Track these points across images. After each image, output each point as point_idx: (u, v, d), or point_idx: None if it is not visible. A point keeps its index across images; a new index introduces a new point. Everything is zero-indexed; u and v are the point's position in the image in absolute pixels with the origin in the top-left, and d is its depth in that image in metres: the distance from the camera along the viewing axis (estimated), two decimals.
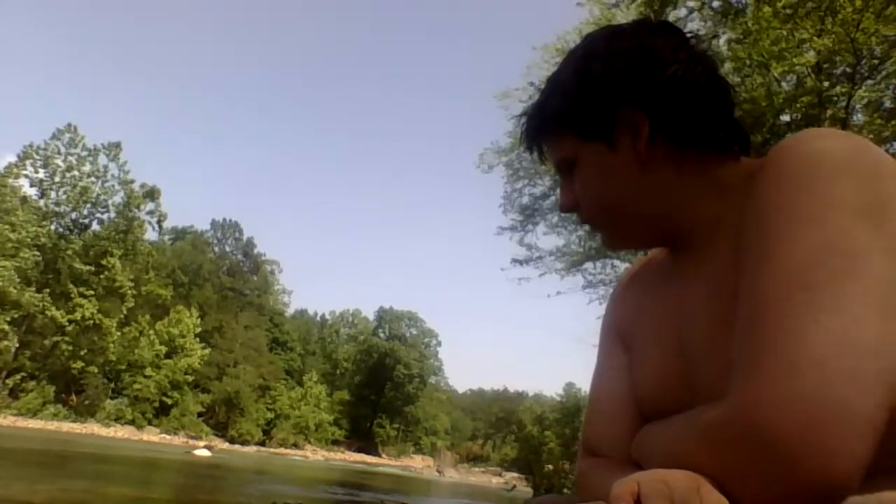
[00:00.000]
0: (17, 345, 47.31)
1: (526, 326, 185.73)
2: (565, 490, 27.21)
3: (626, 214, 0.92)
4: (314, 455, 68.60)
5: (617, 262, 20.80)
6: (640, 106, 0.87)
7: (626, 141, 0.88)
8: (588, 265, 20.26)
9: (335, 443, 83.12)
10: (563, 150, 0.94)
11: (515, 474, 38.33)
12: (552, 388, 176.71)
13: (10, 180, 48.55)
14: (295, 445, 71.82)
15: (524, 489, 32.83)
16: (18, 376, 47.75)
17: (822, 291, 0.64)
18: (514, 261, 19.20)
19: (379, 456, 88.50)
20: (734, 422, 0.65)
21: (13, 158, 51.66)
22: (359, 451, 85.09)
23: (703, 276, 0.86)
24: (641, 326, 0.98)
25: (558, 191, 1.00)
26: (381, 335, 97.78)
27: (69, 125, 53.00)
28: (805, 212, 0.69)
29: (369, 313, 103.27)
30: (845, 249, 0.66)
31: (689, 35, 0.93)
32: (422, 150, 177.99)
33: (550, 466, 31.03)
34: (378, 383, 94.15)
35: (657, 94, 0.87)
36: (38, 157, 51.25)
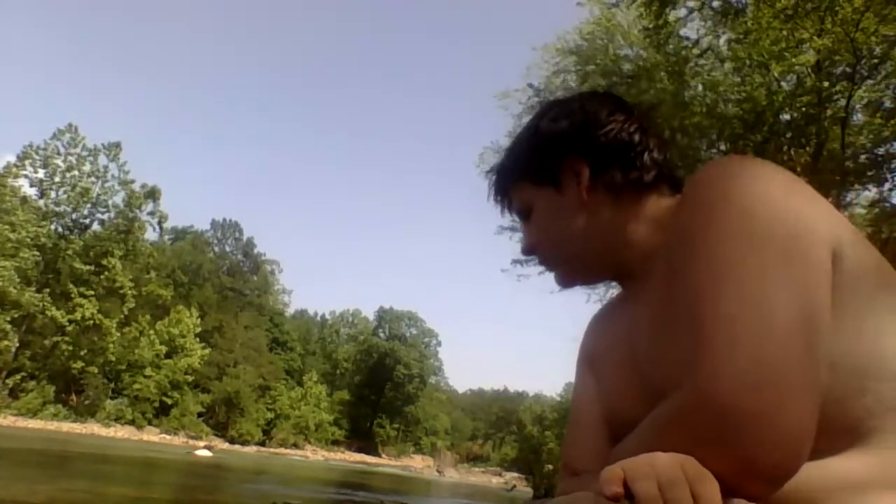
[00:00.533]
0: (18, 345, 47.30)
1: (526, 326, 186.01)
2: None
3: (575, 251, 1.03)
4: (314, 455, 68.62)
5: None
6: (582, 155, 1.01)
7: (571, 185, 1.01)
8: None
9: (335, 443, 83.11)
10: (520, 199, 1.08)
11: (515, 474, 38.34)
12: (552, 388, 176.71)
13: (10, 180, 48.56)
14: (295, 445, 71.81)
15: (524, 489, 32.84)
16: (18, 376, 47.71)
17: (745, 283, 0.73)
18: (515, 261, 19.26)
19: (379, 456, 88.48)
20: (690, 402, 0.72)
21: (13, 158, 51.71)
22: (359, 451, 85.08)
23: (646, 296, 0.95)
24: (603, 351, 1.08)
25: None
26: (381, 335, 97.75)
27: (69, 125, 53.07)
28: (716, 228, 0.79)
29: (369, 313, 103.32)
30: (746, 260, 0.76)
31: (630, 105, 1.08)
32: (422, 149, 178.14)
33: (550, 466, 31.04)
34: (378, 383, 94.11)
35: (595, 146, 1.01)
36: (37, 157, 51.27)
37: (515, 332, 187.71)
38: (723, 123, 11.78)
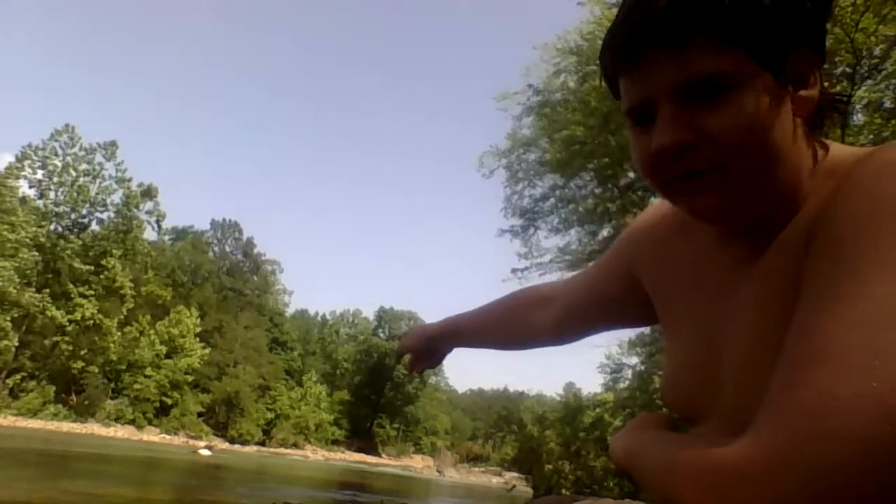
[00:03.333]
0: (18, 344, 47.34)
1: None
2: (564, 491, 27.13)
3: (766, 170, 0.72)
4: (314, 455, 68.63)
5: None
6: (816, 51, 0.74)
7: (795, 80, 0.73)
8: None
9: (335, 443, 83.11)
10: (712, 65, 0.69)
11: (515, 474, 38.33)
12: (552, 388, 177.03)
13: (10, 181, 48.58)
14: (295, 445, 71.82)
15: (524, 489, 32.78)
16: (19, 376, 47.82)
17: (884, 360, 0.54)
18: (515, 270, 19.20)
19: (379, 456, 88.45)
20: (740, 459, 0.56)
21: (11, 159, 51.78)
22: (359, 450, 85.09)
23: (756, 281, 0.76)
24: (675, 307, 0.89)
25: (633, 141, 0.78)
26: (381, 335, 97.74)
27: (67, 125, 53.11)
28: (890, 259, 0.59)
29: (369, 313, 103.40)
30: None
31: None
32: (423, 150, 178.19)
33: (550, 466, 31.00)
34: (378, 383, 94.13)
35: (822, 37, 0.74)
36: (36, 158, 51.33)
37: None
38: None
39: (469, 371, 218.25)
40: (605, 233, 19.08)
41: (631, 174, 16.69)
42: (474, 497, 30.69)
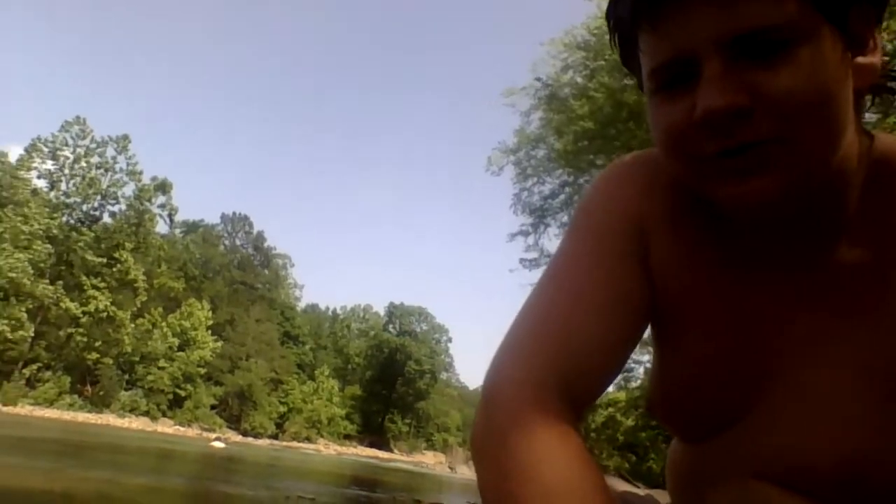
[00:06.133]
0: (33, 335, 47.41)
1: None
2: None
3: (832, 147, 0.60)
4: (327, 450, 68.46)
5: None
6: (877, 8, 0.63)
7: (852, 41, 0.60)
8: None
9: (347, 437, 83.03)
10: (768, 14, 0.56)
11: None
12: None
13: (22, 172, 48.61)
14: (307, 439, 71.70)
15: None
16: (35, 366, 47.96)
17: None
18: (523, 260, 18.87)
19: (391, 451, 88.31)
20: None
21: (21, 151, 51.83)
22: (371, 446, 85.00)
23: (839, 288, 0.66)
24: (687, 309, 0.73)
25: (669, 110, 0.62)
26: (392, 330, 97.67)
27: (77, 117, 53.09)
28: None
29: (380, 308, 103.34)
30: None
31: None
32: (433, 146, 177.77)
33: None
34: (389, 379, 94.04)
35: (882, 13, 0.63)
36: (46, 150, 51.33)
37: None
38: None
39: (480, 367, 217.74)
40: None
41: None
42: None
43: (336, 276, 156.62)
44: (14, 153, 51.73)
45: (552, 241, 19.14)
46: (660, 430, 24.18)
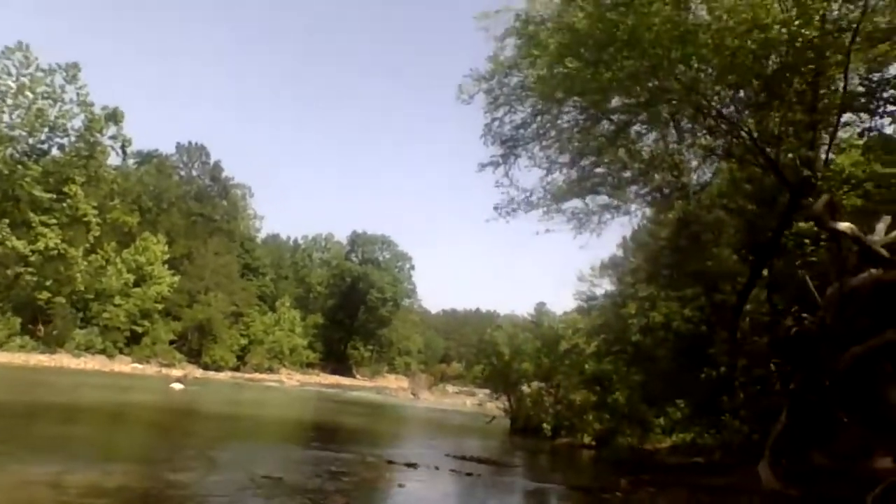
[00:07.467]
0: None
1: (498, 247, 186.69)
2: (545, 425, 27.06)
3: None
4: (290, 380, 68.93)
5: (605, 199, 20.21)
6: None
7: None
8: (574, 203, 19.67)
9: (310, 366, 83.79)
10: None
11: (487, 391, 38.92)
12: (524, 308, 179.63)
13: None
14: (270, 370, 72.08)
15: (494, 411, 32.80)
16: None
17: None
18: (497, 207, 18.66)
19: (353, 377, 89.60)
20: None
21: None
22: (333, 373, 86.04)
23: None
24: None
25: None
26: (354, 259, 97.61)
27: (20, 43, 49.83)
28: None
29: (342, 237, 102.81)
30: None
31: None
32: (402, 70, 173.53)
33: (526, 388, 31.19)
34: (351, 307, 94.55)
35: None
36: None
37: (488, 253, 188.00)
38: (732, 54, 10.85)
39: (441, 291, 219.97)
40: (598, 170, 18.40)
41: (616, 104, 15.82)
42: (457, 434, 29.84)
43: (297, 205, 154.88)
44: None
45: (522, 171, 18.89)
46: (623, 356, 24.45)
